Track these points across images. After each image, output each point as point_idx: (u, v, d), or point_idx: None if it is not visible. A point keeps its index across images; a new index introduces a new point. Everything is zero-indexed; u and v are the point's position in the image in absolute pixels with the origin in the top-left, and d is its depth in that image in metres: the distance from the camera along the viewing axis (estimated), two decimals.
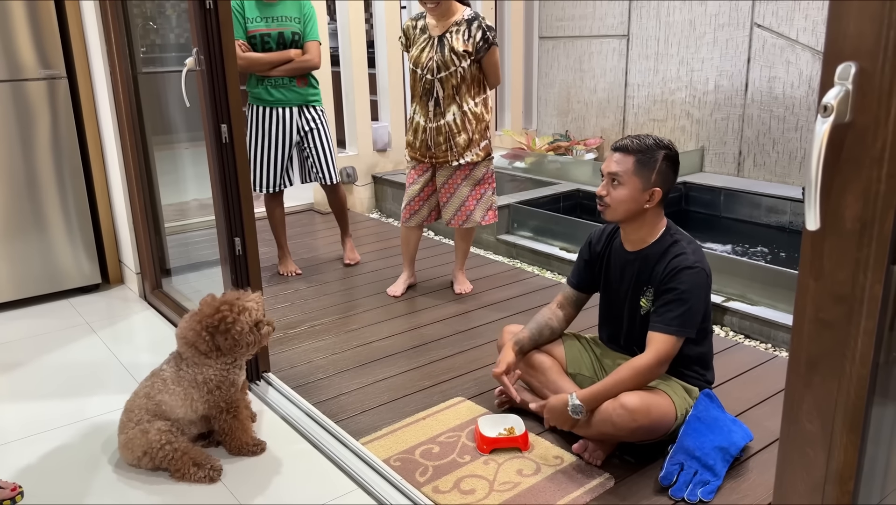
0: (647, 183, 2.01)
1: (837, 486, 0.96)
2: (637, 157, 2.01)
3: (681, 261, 2.00)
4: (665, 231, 2.09)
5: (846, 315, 0.91)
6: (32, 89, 3.21)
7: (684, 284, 1.98)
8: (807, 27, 4.28)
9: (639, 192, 2.02)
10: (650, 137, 2.04)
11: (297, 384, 2.59)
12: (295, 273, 3.82)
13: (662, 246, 2.06)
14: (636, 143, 2.03)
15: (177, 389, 2.06)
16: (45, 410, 2.47)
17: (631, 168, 2.01)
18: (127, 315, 3.31)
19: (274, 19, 3.44)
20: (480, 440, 2.15)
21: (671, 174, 2.04)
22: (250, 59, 3.41)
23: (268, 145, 3.57)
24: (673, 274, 1.99)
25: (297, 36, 3.49)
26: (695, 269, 1.99)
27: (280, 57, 3.44)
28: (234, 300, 2.07)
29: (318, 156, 3.63)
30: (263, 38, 3.43)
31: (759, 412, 2.34)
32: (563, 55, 5.78)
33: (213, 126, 2.34)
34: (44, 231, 3.35)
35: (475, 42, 3.10)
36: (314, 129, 3.60)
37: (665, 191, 2.03)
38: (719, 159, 4.89)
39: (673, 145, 2.06)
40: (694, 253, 2.02)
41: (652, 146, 2.02)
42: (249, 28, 3.42)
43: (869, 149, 0.85)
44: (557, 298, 2.36)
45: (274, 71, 3.46)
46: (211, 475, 2.03)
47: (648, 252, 2.08)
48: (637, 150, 2.02)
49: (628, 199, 2.02)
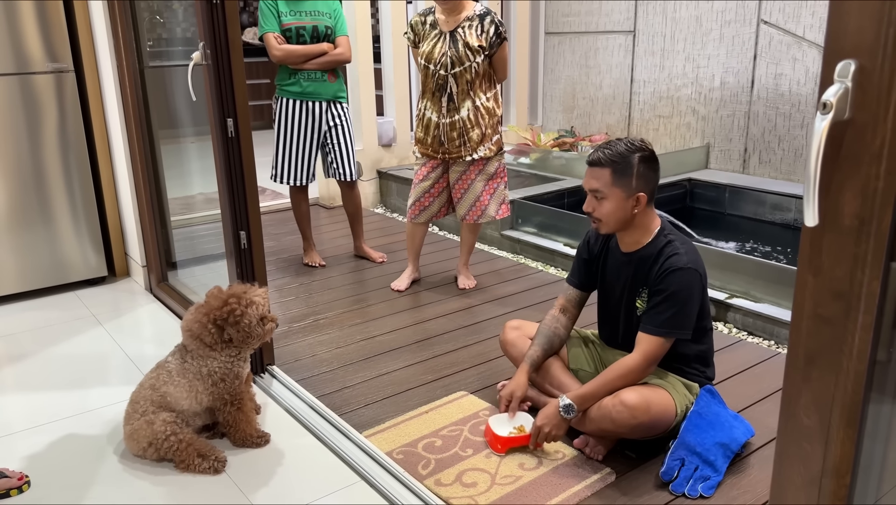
0: (629, 190, 1.99)
1: (834, 480, 0.97)
2: (613, 168, 1.98)
3: (673, 262, 1.99)
4: (659, 231, 2.08)
5: (844, 311, 0.92)
6: (40, 82, 3.23)
7: (674, 285, 1.97)
8: (813, 24, 4.27)
9: (623, 202, 2.00)
10: (621, 143, 2.01)
11: (302, 377, 2.61)
12: (319, 264, 3.85)
13: (657, 247, 2.05)
14: (608, 153, 1.99)
15: (182, 381, 2.08)
16: (52, 400, 2.49)
17: (609, 180, 1.99)
18: (133, 308, 3.33)
19: (307, 13, 3.48)
20: (494, 440, 2.14)
21: (651, 174, 2.02)
22: (287, 50, 3.44)
23: (297, 138, 3.59)
24: (664, 275, 1.99)
25: (330, 30, 3.52)
26: (686, 270, 1.98)
27: (315, 49, 3.47)
28: (242, 293, 2.08)
29: (339, 152, 3.65)
30: (298, 31, 3.46)
31: (762, 409, 2.34)
32: (568, 51, 5.78)
33: (219, 120, 2.35)
34: (50, 224, 3.37)
35: (488, 37, 3.10)
36: (339, 125, 3.63)
37: (649, 192, 2.02)
38: (725, 156, 4.88)
39: (646, 144, 2.03)
40: (687, 253, 2.01)
41: (625, 152, 1.98)
42: (284, 21, 3.46)
43: (868, 146, 0.86)
44: (559, 303, 2.33)
45: (308, 64, 3.48)
46: (215, 466, 2.05)
47: (643, 253, 2.08)
48: (611, 161, 1.98)
49: (615, 210, 2.01)
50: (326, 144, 3.66)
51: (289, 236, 4.37)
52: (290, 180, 3.65)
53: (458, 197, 3.36)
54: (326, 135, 3.64)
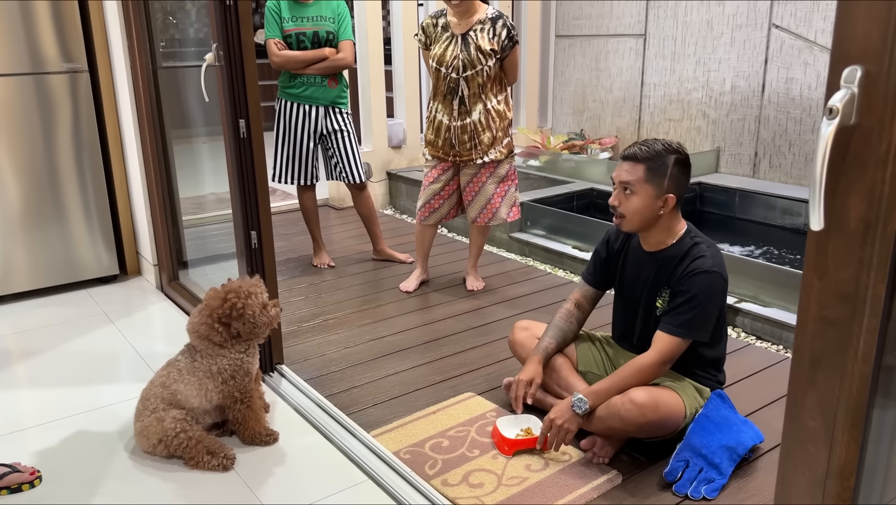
0: (659, 190, 1.99)
1: (838, 482, 0.98)
2: (648, 165, 1.99)
3: (699, 264, 1.99)
4: (685, 233, 2.08)
5: (850, 313, 0.92)
6: (54, 82, 3.27)
7: (698, 287, 1.97)
8: (825, 28, 4.26)
9: (652, 200, 2.00)
10: (658, 143, 2.01)
11: (310, 376, 2.63)
12: (328, 265, 3.86)
13: (683, 248, 2.05)
14: (645, 150, 2.00)
15: (192, 379, 2.10)
16: (63, 397, 2.52)
17: (642, 176, 1.99)
18: (144, 306, 3.36)
19: (309, 19, 3.49)
20: (502, 441, 2.14)
21: (683, 178, 2.03)
22: (286, 56, 3.47)
23: (292, 139, 3.62)
24: (689, 277, 1.99)
25: (332, 35, 3.53)
26: (712, 273, 1.98)
27: (315, 55, 3.49)
28: (238, 287, 2.10)
29: (343, 156, 3.67)
30: (299, 37, 3.48)
31: (769, 413, 2.34)
32: (579, 54, 5.78)
33: (231, 121, 2.38)
34: (64, 222, 3.41)
35: (500, 40, 3.11)
36: (340, 131, 3.64)
37: (679, 195, 2.02)
38: (735, 160, 4.87)
39: (682, 148, 2.04)
40: (713, 257, 2.01)
41: (661, 152, 1.99)
42: (285, 27, 3.48)
43: (874, 151, 0.86)
44: (574, 297, 2.33)
45: (308, 69, 3.50)
46: (224, 464, 2.07)
47: (668, 253, 2.07)
48: (647, 158, 1.99)
49: (642, 208, 2.01)
50: (329, 148, 3.67)
51: (299, 237, 4.40)
52: (290, 180, 3.68)
53: (469, 199, 3.37)
54: (326, 139, 3.65)
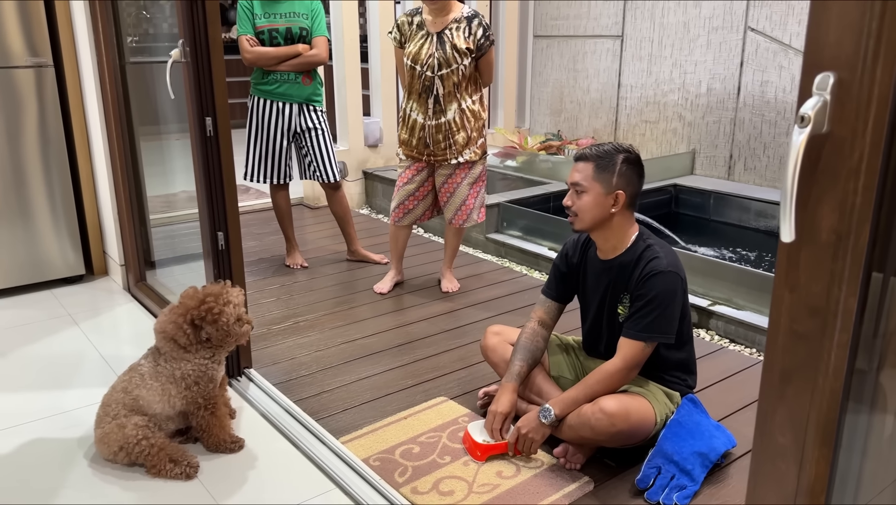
0: (608, 187, 2.02)
1: (809, 499, 0.95)
2: (596, 163, 2.03)
3: (654, 265, 1.99)
4: (637, 237, 2.09)
5: (820, 327, 0.90)
6: (20, 77, 3.18)
7: (656, 288, 1.97)
8: (800, 32, 4.28)
9: (602, 197, 2.02)
10: (609, 144, 2.07)
11: (279, 381, 2.57)
12: (301, 265, 3.81)
13: (636, 252, 2.05)
14: (594, 150, 2.06)
15: (154, 385, 2.04)
16: (23, 401, 2.44)
17: (591, 174, 2.03)
18: (110, 307, 3.28)
19: (282, 15, 3.43)
20: (474, 447, 2.11)
21: (634, 176, 2.04)
22: (258, 52, 3.41)
23: (265, 137, 3.56)
24: (646, 279, 1.99)
25: (305, 32, 3.48)
26: (668, 273, 1.98)
27: (287, 52, 3.43)
28: (218, 293, 2.05)
29: (317, 155, 3.61)
30: (271, 34, 3.42)
31: (742, 418, 2.33)
32: (556, 54, 5.77)
33: (197, 119, 2.32)
34: (28, 220, 3.32)
35: (476, 39, 3.08)
36: (314, 129, 3.58)
37: (630, 194, 2.03)
38: (710, 162, 4.89)
39: (633, 149, 2.07)
40: (667, 257, 2.01)
41: (610, 151, 2.04)
42: (258, 24, 3.42)
43: (846, 160, 0.84)
44: (537, 315, 2.29)
45: (281, 66, 3.44)
46: (187, 472, 2.01)
47: (622, 260, 2.07)
48: (595, 157, 2.04)
49: (593, 205, 2.03)
50: (303, 147, 3.62)
51: (272, 236, 4.33)
52: (263, 179, 3.62)
53: (445, 200, 3.34)
54: (300, 137, 3.60)
